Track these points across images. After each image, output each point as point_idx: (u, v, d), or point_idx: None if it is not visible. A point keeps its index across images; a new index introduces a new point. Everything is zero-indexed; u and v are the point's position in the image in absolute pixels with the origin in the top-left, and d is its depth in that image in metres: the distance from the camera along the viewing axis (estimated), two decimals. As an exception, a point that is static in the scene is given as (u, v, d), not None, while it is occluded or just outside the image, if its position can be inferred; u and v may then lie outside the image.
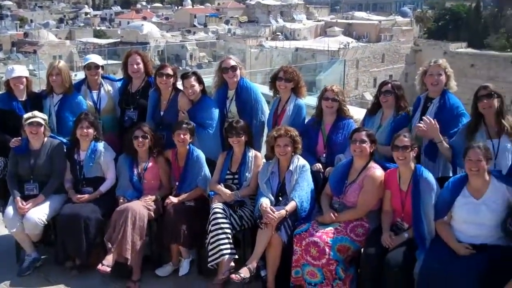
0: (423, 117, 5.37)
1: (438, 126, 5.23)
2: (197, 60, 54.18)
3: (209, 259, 5.40)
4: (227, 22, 78.59)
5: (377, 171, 5.20)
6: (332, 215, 5.19)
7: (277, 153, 5.50)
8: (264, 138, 6.25)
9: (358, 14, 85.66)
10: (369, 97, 50.13)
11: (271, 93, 6.45)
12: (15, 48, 58.67)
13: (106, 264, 5.44)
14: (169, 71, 6.25)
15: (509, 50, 62.92)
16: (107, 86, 6.64)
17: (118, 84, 6.75)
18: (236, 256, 5.46)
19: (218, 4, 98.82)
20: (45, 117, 6.01)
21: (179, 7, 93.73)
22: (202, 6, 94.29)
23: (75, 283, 5.75)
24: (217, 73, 6.45)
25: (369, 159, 5.28)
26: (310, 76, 31.47)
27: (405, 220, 5.02)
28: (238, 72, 6.32)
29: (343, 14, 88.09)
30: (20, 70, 6.31)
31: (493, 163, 4.84)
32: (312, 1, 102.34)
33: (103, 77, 6.69)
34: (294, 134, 5.50)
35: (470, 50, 61.57)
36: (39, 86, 9.45)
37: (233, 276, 5.14)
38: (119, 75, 7.42)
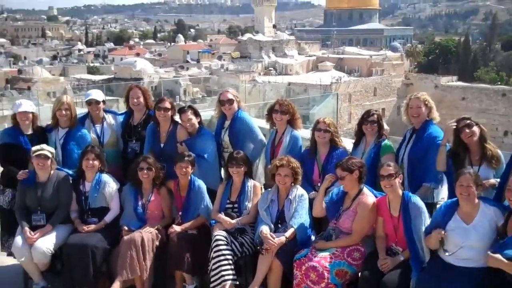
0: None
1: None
2: (190, 95, 54.54)
3: (211, 285, 5.57)
4: (219, 58, 79.27)
5: (369, 198, 5.46)
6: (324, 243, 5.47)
7: (277, 181, 5.75)
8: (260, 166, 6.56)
9: (349, 49, 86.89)
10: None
11: (267, 126, 6.73)
12: (9, 85, 58.75)
13: (113, 291, 5.61)
14: (167, 104, 6.51)
15: (499, 83, 63.77)
16: (110, 120, 6.89)
17: (121, 118, 6.99)
18: (237, 282, 5.64)
19: (211, 40, 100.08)
20: (53, 150, 6.19)
21: (172, 44, 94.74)
22: (194, 43, 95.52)
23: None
24: (217, 104, 6.73)
25: (361, 186, 5.53)
26: (303, 110, 31.90)
27: (399, 244, 5.25)
28: (234, 105, 6.59)
29: (334, 49, 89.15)
30: (27, 105, 6.49)
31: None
32: (303, 37, 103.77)
33: (106, 111, 6.94)
34: (296, 165, 5.75)
35: (460, 83, 62.29)
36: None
37: (235, 300, 5.32)
38: (114, 110, 7.64)
